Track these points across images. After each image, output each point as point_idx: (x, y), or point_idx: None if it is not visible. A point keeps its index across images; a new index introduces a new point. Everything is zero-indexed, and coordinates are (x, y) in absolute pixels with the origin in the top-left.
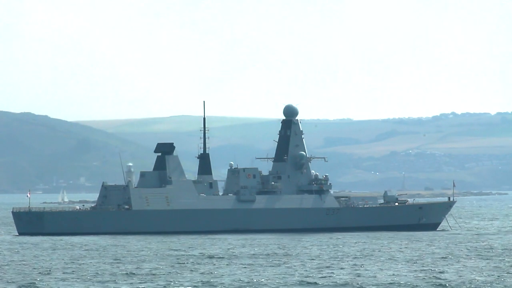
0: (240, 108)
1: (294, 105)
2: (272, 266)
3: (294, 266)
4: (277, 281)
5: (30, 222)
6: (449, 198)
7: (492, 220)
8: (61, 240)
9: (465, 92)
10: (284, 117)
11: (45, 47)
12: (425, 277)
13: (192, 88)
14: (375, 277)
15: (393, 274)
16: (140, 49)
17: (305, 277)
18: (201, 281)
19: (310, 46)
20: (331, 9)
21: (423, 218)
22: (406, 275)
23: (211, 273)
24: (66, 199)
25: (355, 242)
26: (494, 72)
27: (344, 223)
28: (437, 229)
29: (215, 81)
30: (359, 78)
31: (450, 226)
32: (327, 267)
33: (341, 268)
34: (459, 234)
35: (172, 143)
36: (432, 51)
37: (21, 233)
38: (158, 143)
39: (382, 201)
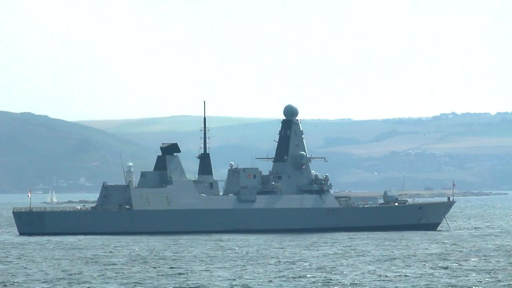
0: (240, 108)
1: (294, 105)
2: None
3: (285, 266)
4: (262, 280)
5: (30, 222)
6: (448, 198)
7: (491, 220)
8: (49, 240)
9: (465, 92)
10: (284, 117)
11: (45, 47)
12: (423, 278)
13: (192, 88)
14: (371, 277)
15: (391, 275)
16: (140, 49)
17: (294, 277)
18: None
19: (310, 46)
20: (331, 9)
21: (423, 218)
22: (403, 276)
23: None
24: (55, 199)
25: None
26: (494, 72)
27: (344, 223)
28: (437, 229)
29: (215, 81)
30: (359, 78)
31: (449, 226)
32: (319, 268)
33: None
34: (458, 234)
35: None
36: (432, 51)
37: (21, 233)
38: (163, 143)
39: (382, 201)
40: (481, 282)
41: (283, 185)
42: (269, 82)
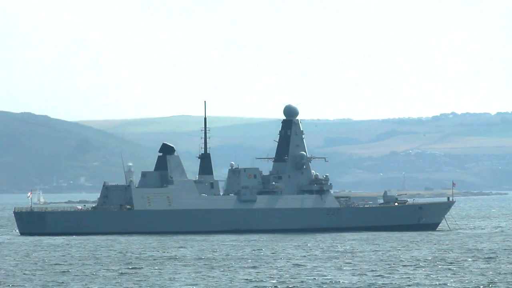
0: (240, 108)
1: (294, 105)
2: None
3: (279, 267)
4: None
5: (32, 222)
6: (448, 198)
7: (491, 220)
8: (38, 240)
9: (465, 92)
10: (284, 117)
11: (45, 47)
12: (422, 278)
13: (192, 88)
14: (369, 277)
15: (389, 276)
16: (140, 49)
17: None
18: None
19: (310, 46)
20: (331, 9)
21: (422, 218)
22: (401, 276)
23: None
24: (42, 200)
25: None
26: (494, 72)
27: (344, 223)
28: (437, 229)
29: (215, 81)
30: (359, 78)
31: (449, 226)
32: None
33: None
34: (457, 234)
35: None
36: (432, 51)
37: (22, 233)
38: (162, 143)
39: (382, 201)
40: (479, 282)
41: (283, 185)
42: (269, 82)
